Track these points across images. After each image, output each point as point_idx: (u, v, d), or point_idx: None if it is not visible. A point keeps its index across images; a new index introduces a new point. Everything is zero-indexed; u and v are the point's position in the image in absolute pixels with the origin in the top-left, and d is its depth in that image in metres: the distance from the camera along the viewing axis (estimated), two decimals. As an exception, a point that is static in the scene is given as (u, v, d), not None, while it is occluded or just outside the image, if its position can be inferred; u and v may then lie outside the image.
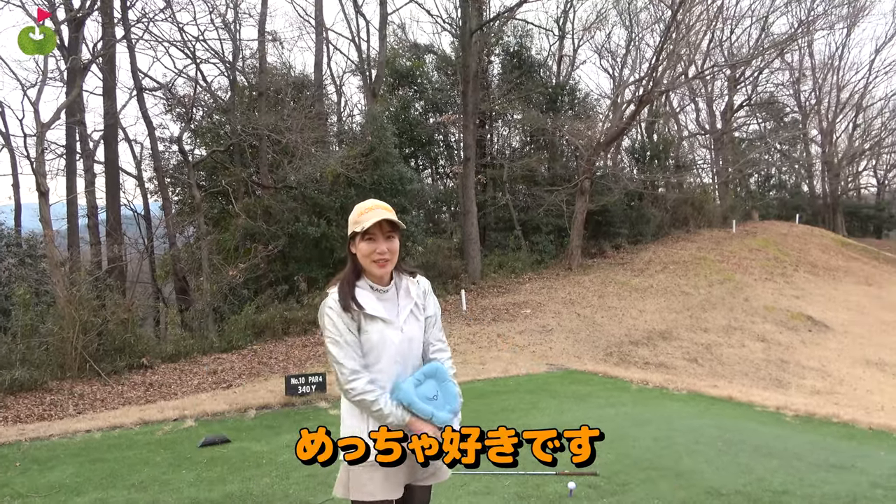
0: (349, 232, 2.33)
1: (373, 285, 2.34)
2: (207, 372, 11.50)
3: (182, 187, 18.39)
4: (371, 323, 2.28)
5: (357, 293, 2.29)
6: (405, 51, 25.09)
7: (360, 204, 2.36)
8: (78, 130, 15.48)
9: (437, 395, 2.27)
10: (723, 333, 14.47)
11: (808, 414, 7.04)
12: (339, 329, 2.26)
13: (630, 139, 27.08)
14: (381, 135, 16.84)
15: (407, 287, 2.42)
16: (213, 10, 17.38)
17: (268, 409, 7.70)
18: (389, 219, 2.27)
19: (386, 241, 2.29)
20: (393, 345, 2.29)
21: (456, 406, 2.29)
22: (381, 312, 2.30)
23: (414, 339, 2.36)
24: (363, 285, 2.33)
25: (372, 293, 2.33)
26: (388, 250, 2.29)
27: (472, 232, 19.15)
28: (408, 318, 2.35)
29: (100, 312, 11.55)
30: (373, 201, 2.35)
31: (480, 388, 8.73)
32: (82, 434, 6.73)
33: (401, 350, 2.31)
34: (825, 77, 33.99)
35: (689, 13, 20.72)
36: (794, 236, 24.49)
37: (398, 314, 2.34)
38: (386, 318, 2.30)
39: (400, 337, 2.31)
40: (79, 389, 10.11)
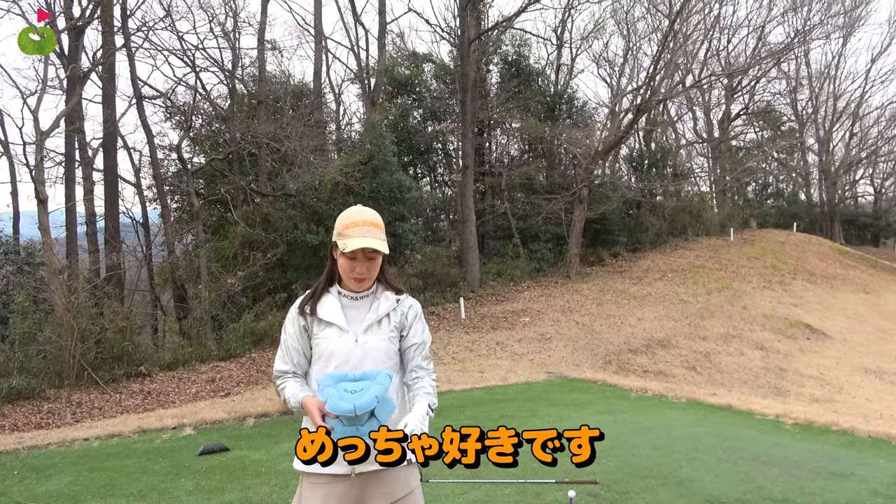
0: (334, 237, 2.29)
1: (343, 291, 2.29)
2: (206, 380, 11.47)
3: (181, 195, 18.40)
4: (325, 329, 2.23)
5: (322, 299, 2.29)
6: (404, 59, 25.19)
7: (348, 213, 2.28)
8: (77, 138, 15.49)
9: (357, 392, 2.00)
10: (721, 341, 14.48)
11: (808, 422, 7.04)
12: (288, 332, 2.30)
13: (628, 147, 27.19)
14: (380, 143, 16.89)
15: (381, 302, 2.29)
16: (212, 19, 17.50)
17: (266, 418, 7.68)
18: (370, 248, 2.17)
19: (367, 262, 2.22)
20: (342, 354, 2.19)
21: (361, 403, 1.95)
22: (338, 319, 2.23)
23: (375, 351, 2.22)
24: (333, 291, 2.30)
25: (338, 300, 2.28)
26: (367, 269, 2.23)
27: (471, 240, 19.17)
28: (369, 329, 2.23)
29: (98, 320, 11.54)
30: (360, 213, 2.26)
31: (479, 396, 8.72)
32: (80, 442, 6.70)
33: (352, 360, 2.18)
34: (822, 86, 34.19)
35: (687, 23, 20.86)
36: (792, 244, 24.55)
37: (359, 323, 2.24)
38: (342, 325, 2.22)
39: (352, 346, 2.20)
40: (76, 398, 10.08)
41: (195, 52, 17.42)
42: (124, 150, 18.83)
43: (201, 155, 19.09)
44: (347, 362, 2.18)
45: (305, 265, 15.65)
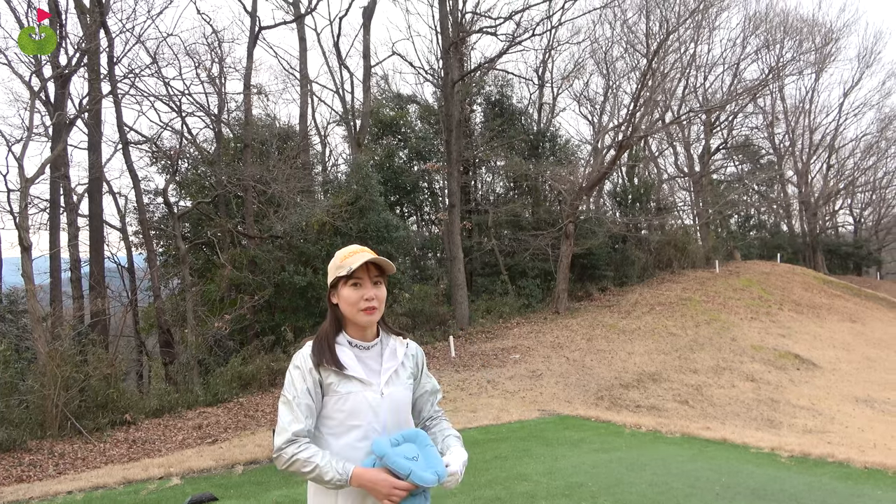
0: (330, 280, 2.12)
1: (353, 341, 2.10)
2: (192, 426, 11.24)
3: (167, 239, 18.33)
4: (346, 384, 2.02)
5: (337, 349, 2.06)
6: (388, 101, 25.58)
7: (343, 249, 2.15)
8: (62, 185, 15.45)
9: (418, 458, 1.96)
10: (712, 374, 14.46)
11: (803, 454, 7.00)
12: (298, 390, 2.01)
13: (612, 183, 27.57)
14: (367, 183, 17.00)
15: (394, 347, 2.16)
16: (198, 65, 17.70)
17: (256, 464, 7.51)
18: (377, 261, 2.07)
19: (373, 287, 2.07)
20: (371, 409, 2.02)
21: (442, 470, 1.95)
22: (360, 373, 2.05)
23: (399, 403, 2.09)
24: (342, 341, 2.09)
25: (351, 350, 2.09)
26: (375, 296, 2.06)
27: (459, 278, 19.19)
28: (390, 380, 2.09)
29: (82, 368, 11.32)
30: (356, 246, 2.14)
31: (473, 436, 8.61)
32: (63, 496, 6.50)
33: (382, 416, 2.04)
34: (797, 120, 35.08)
35: (664, 61, 21.42)
36: (777, 275, 24.78)
37: (379, 375, 2.08)
38: (364, 378, 2.04)
39: (378, 401, 2.04)
40: (59, 449, 9.82)
41: (181, 98, 17.60)
42: (110, 195, 18.83)
43: (188, 198, 19.11)
44: (377, 418, 2.03)
45: (294, 307, 15.55)
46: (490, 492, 5.67)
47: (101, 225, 16.29)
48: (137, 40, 16.56)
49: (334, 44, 22.80)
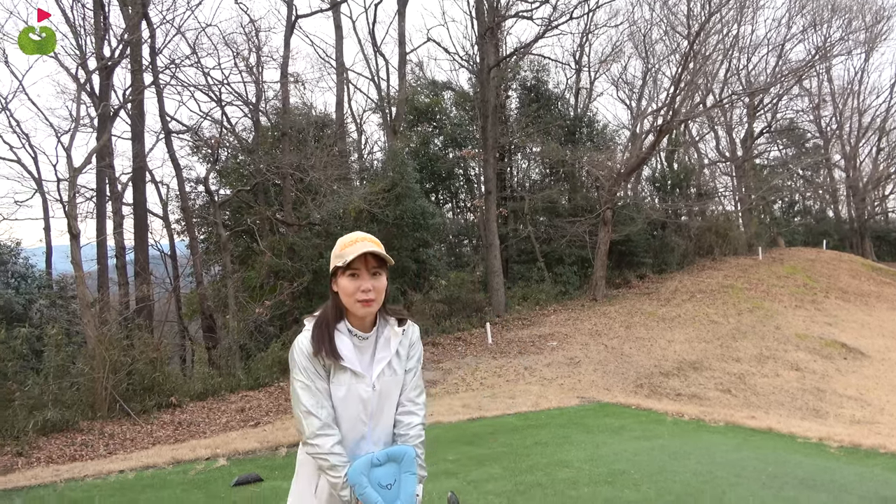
0: (331, 267, 2.09)
1: (352, 330, 2.09)
2: (235, 409, 11.49)
3: (208, 226, 18.67)
4: (340, 374, 2.04)
5: (336, 338, 2.06)
6: (424, 88, 25.52)
7: (344, 237, 2.12)
8: (107, 174, 15.86)
9: (393, 485, 2.00)
10: (755, 363, 14.16)
11: (853, 445, 6.80)
12: (310, 374, 2.03)
13: (650, 168, 27.10)
14: (403, 170, 17.03)
15: (388, 337, 2.14)
16: (237, 54, 17.90)
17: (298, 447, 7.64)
18: (374, 252, 2.03)
19: (371, 278, 2.03)
20: (361, 401, 2.06)
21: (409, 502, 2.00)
22: (355, 364, 2.06)
23: (388, 396, 2.11)
24: (342, 329, 2.08)
25: (350, 339, 2.08)
26: (373, 288, 2.03)
27: (496, 265, 19.12)
28: (382, 373, 2.09)
29: (129, 352, 11.66)
30: (358, 234, 2.11)
31: (512, 422, 8.60)
32: (116, 475, 6.72)
33: (369, 408, 2.07)
34: (846, 102, 33.80)
35: (706, 43, 20.86)
36: (823, 262, 24.08)
37: (372, 367, 2.09)
38: (358, 371, 2.06)
39: (370, 393, 2.06)
40: (109, 429, 10.14)
41: (220, 87, 17.83)
42: (152, 184, 19.25)
43: (227, 187, 19.43)
44: (365, 409, 2.07)
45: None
46: (531, 477, 5.65)
47: (144, 213, 16.69)
48: (178, 31, 16.83)
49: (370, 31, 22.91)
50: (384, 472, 2.01)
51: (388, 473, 2.01)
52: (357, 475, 1.97)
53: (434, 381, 12.80)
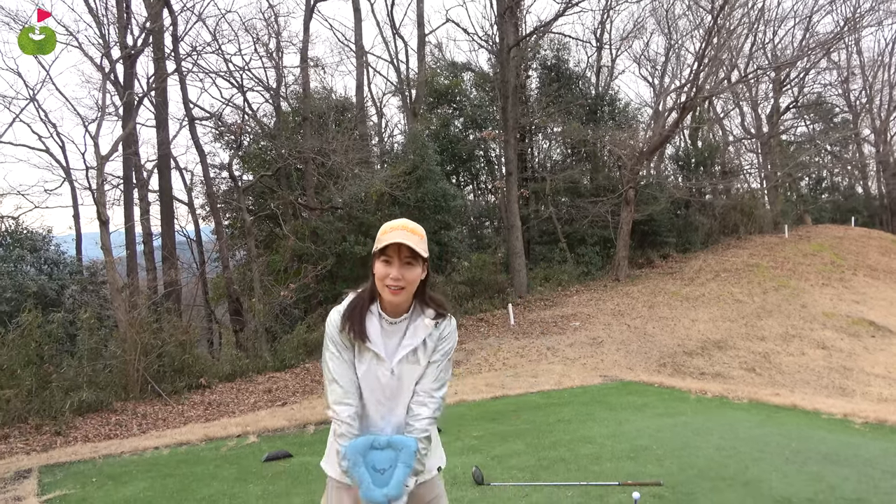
0: (374, 250, 2.13)
1: (382, 314, 2.13)
2: (263, 390, 11.75)
3: (232, 212, 18.93)
4: (365, 353, 2.11)
5: (367, 319, 2.12)
6: (443, 70, 25.42)
7: (390, 222, 2.16)
8: (133, 161, 16.13)
9: (387, 471, 2.05)
10: (780, 341, 14.05)
11: (879, 421, 6.78)
12: (338, 346, 2.12)
13: (674, 147, 26.73)
14: (423, 153, 17.06)
15: (418, 326, 2.15)
16: (257, 40, 18.02)
17: (326, 425, 7.80)
18: (406, 244, 2.04)
19: (402, 267, 2.05)
20: (378, 383, 2.11)
21: (395, 493, 2.02)
22: (379, 348, 2.11)
23: (406, 383, 2.14)
24: (374, 311, 2.14)
25: (378, 322, 2.13)
26: (402, 277, 2.05)
27: (517, 246, 19.13)
28: (403, 360, 2.12)
29: (159, 335, 11.95)
30: (402, 221, 2.15)
31: (534, 400, 8.69)
32: (151, 451, 6.96)
33: (387, 391, 2.13)
34: (875, 75, 32.93)
35: (730, 17, 20.45)
36: (851, 239, 23.66)
37: (395, 353, 2.13)
38: (381, 354, 2.10)
39: (388, 378, 2.11)
40: (142, 410, 10.44)
41: (241, 74, 17.97)
42: (177, 170, 19.54)
43: (250, 172, 19.66)
44: (383, 392, 2.13)
45: (354, 276, 15.89)
46: (554, 453, 5.74)
47: (170, 199, 16.98)
48: (198, 18, 17.04)
49: (388, 13, 22.80)
50: (382, 456, 2.06)
51: (385, 458, 2.05)
52: (353, 452, 2.04)
53: (457, 361, 12.93)
